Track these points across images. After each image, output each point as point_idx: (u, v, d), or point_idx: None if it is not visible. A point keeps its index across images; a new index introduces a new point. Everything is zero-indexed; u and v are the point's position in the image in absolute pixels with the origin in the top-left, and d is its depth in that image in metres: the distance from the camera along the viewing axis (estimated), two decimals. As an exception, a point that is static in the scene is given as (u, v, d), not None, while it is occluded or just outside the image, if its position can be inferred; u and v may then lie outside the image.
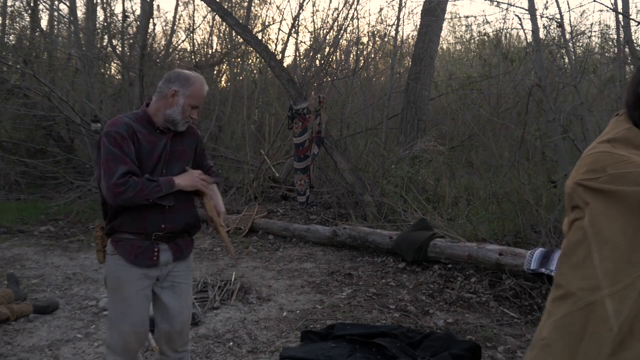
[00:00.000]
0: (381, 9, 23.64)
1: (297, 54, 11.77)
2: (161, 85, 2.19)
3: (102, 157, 2.04)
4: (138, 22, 9.77)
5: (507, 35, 10.45)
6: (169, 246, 2.21)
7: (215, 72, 12.02)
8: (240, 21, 9.16)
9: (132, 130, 2.09)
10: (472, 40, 11.51)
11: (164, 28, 16.12)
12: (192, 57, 11.78)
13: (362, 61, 11.11)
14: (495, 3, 6.08)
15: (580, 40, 7.49)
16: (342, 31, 10.86)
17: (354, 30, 12.01)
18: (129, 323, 2.15)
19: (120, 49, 10.27)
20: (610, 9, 5.02)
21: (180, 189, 2.15)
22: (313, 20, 19.57)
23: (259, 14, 12.59)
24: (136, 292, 2.14)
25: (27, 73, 8.95)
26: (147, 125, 2.16)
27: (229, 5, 11.28)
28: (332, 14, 14.19)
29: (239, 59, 11.46)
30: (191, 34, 11.75)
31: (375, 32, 11.88)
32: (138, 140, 2.10)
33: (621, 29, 5.10)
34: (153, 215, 2.13)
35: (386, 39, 11.63)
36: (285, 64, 10.56)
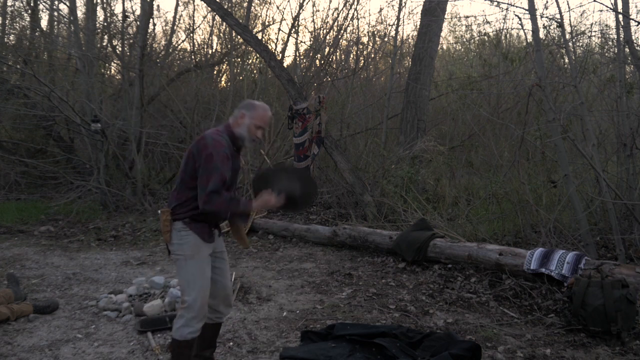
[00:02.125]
0: (381, 9, 23.61)
1: (297, 54, 11.76)
2: (235, 111, 2.77)
3: (206, 169, 2.53)
4: (138, 22, 9.75)
5: (507, 35, 10.45)
6: (216, 229, 2.80)
7: (215, 72, 12.00)
8: (240, 21, 9.16)
9: (230, 153, 2.63)
10: (472, 40, 11.51)
11: (164, 28, 16.10)
12: (192, 57, 11.78)
13: (362, 61, 11.10)
14: (495, 3, 6.06)
15: (580, 40, 7.49)
16: (342, 31, 10.84)
17: (354, 30, 12.02)
18: (205, 280, 2.66)
19: (120, 49, 10.25)
20: (610, 9, 5.01)
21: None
22: (313, 20, 19.59)
23: (259, 14, 12.57)
24: (208, 257, 2.69)
25: (27, 73, 8.94)
26: (232, 145, 2.68)
27: (229, 5, 11.26)
28: (332, 14, 14.21)
29: (239, 59, 11.45)
30: (191, 34, 11.74)
31: (375, 32, 11.89)
32: (232, 161, 2.65)
33: (621, 29, 5.10)
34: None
35: (386, 39, 11.63)
36: (285, 64, 10.55)
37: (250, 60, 11.76)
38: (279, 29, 17.69)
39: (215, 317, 2.87)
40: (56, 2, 11.09)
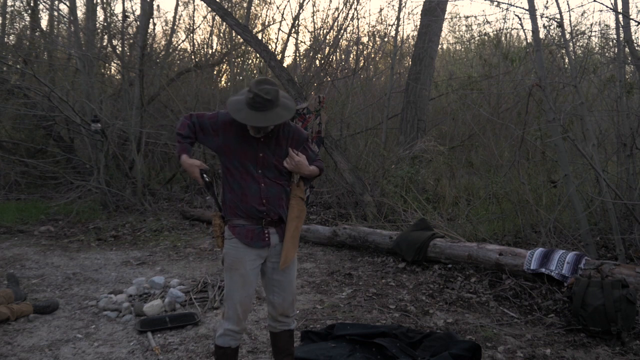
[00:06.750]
0: (381, 9, 23.59)
1: (297, 54, 11.77)
2: None
3: None
4: (138, 22, 9.74)
5: (507, 35, 10.44)
6: (276, 230, 2.59)
7: (215, 72, 12.00)
8: (240, 21, 9.16)
9: (223, 121, 2.52)
10: (472, 40, 11.50)
11: (164, 28, 16.11)
12: (192, 57, 11.77)
13: (362, 61, 11.10)
14: (495, 3, 6.06)
15: (580, 40, 7.49)
16: (342, 31, 10.85)
17: (354, 30, 12.01)
18: (243, 295, 2.54)
19: (120, 49, 10.25)
20: (610, 9, 5.01)
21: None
22: (313, 20, 19.54)
23: (259, 14, 12.57)
24: (251, 270, 2.55)
25: (27, 73, 8.93)
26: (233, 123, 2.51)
27: (229, 5, 11.27)
28: (332, 14, 14.21)
29: (239, 59, 11.45)
30: (191, 34, 11.73)
31: (375, 32, 11.89)
32: (231, 131, 2.51)
33: (621, 29, 5.09)
34: (254, 205, 2.52)
35: (386, 39, 11.63)
36: (285, 64, 10.55)
37: (250, 60, 11.77)
38: (279, 29, 17.69)
39: (280, 326, 2.73)
40: (56, 2, 11.10)
